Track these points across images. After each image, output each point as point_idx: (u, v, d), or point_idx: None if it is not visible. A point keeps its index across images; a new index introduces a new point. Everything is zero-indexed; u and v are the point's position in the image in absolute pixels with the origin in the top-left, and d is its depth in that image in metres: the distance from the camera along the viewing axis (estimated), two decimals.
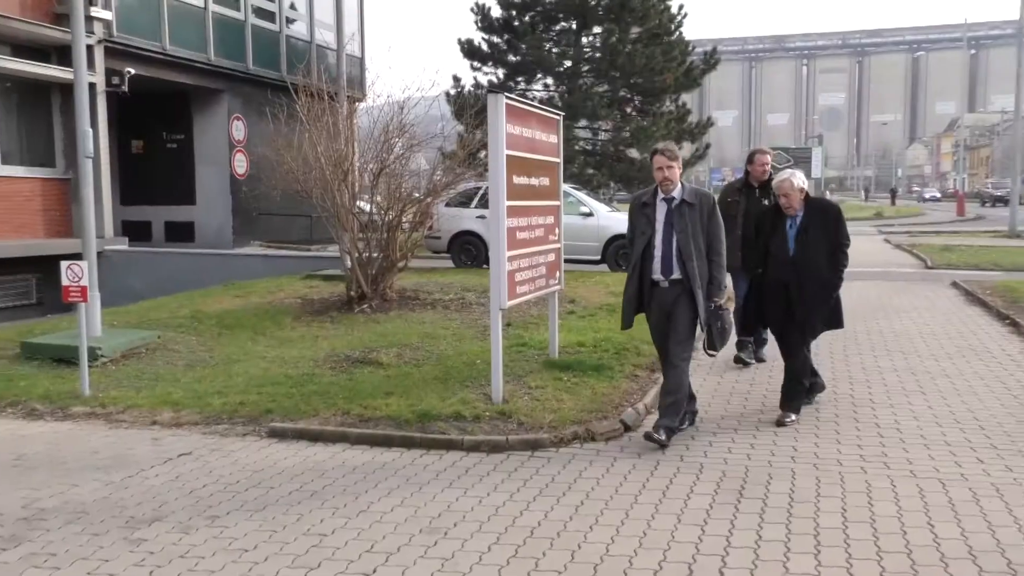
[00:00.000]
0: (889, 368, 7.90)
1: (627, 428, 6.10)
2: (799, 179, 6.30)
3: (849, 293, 7.39)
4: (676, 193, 5.90)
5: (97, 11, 14.39)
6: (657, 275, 5.88)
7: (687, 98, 26.70)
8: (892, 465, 5.25)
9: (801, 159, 33.55)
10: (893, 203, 65.79)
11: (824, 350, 8.32)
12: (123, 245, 16.17)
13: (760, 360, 8.07)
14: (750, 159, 8.06)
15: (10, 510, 4.61)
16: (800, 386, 6.43)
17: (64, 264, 7.05)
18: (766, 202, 7.37)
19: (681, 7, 24.89)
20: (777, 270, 6.30)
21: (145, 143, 19.57)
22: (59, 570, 3.86)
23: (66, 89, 14.87)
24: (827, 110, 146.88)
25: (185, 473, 5.25)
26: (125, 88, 15.82)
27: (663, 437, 5.63)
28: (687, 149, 26.38)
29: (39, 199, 14.82)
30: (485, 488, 4.97)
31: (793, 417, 6.25)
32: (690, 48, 25.06)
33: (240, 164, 19.20)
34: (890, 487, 4.87)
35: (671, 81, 23.42)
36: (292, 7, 21.14)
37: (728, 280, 6.37)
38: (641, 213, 6.01)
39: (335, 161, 10.80)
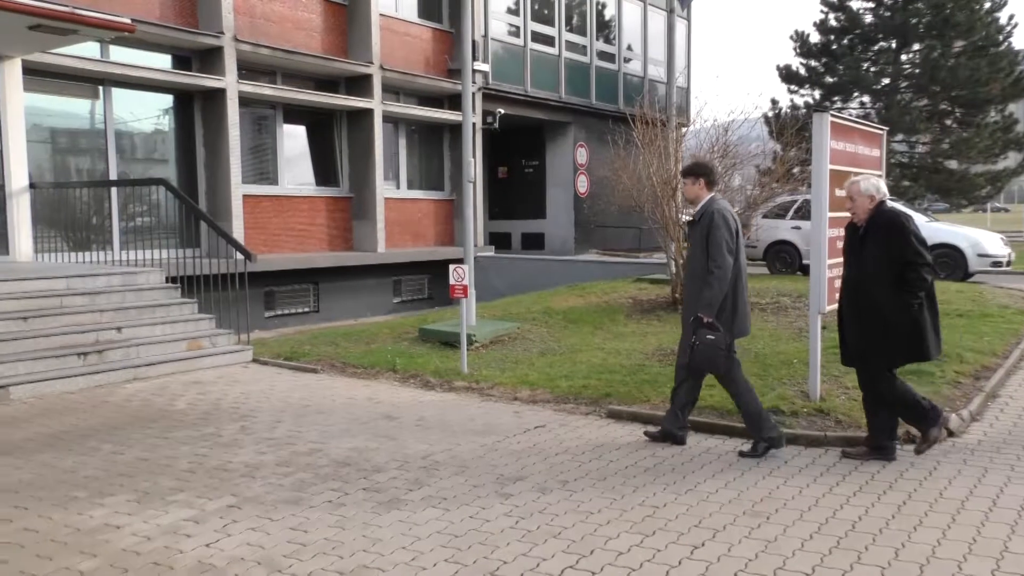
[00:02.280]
0: None
1: (951, 434, 5.42)
2: (869, 185, 4.85)
3: None
4: (694, 212, 5.25)
5: (479, 65, 15.62)
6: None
7: (1014, 108, 23.24)
8: None
9: None
10: None
11: None
12: (490, 252, 17.40)
13: None
14: None
15: (414, 460, 5.12)
16: (902, 413, 4.91)
17: (452, 267, 7.71)
18: None
19: (1012, 17, 21.74)
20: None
21: (508, 169, 20.91)
22: (448, 512, 4.20)
23: (453, 128, 16.35)
24: None
25: (541, 442, 5.50)
26: (496, 125, 17.02)
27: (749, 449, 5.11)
28: (1012, 159, 22.98)
29: (431, 216, 16.40)
30: (804, 479, 4.67)
31: (932, 434, 4.85)
32: (1019, 57, 21.78)
33: (582, 184, 19.86)
34: None
35: (997, 91, 20.53)
36: (629, 48, 21.44)
37: None
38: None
39: (664, 180, 10.77)
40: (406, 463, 5.04)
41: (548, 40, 18.83)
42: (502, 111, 17.05)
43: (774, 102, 24.11)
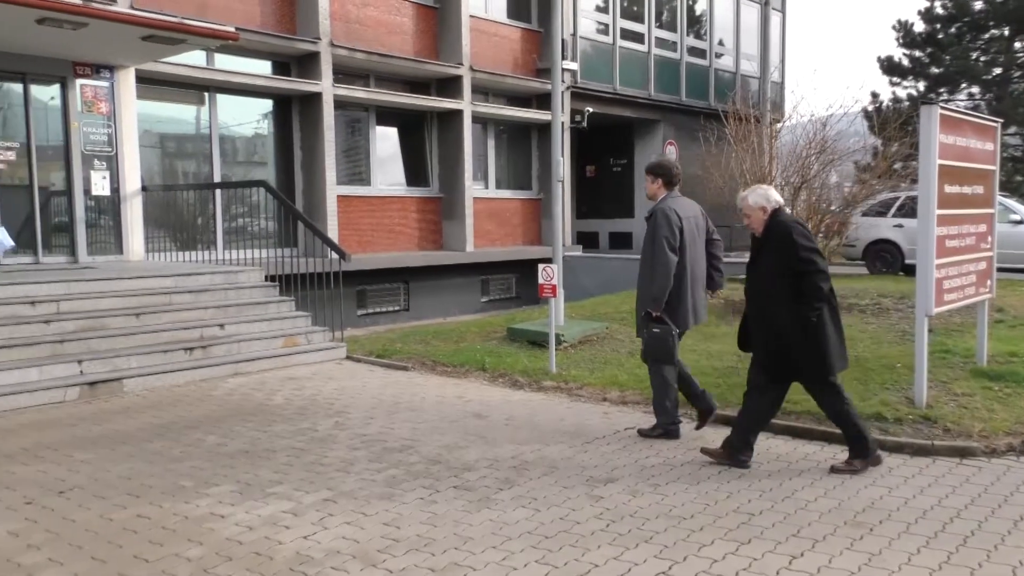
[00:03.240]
0: None
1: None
2: (757, 196, 4.73)
3: None
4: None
5: (568, 64, 15.58)
6: None
7: None
8: None
9: None
10: None
11: None
12: (578, 251, 17.31)
13: None
14: None
15: (504, 459, 5.13)
16: (849, 431, 4.75)
17: (540, 266, 7.71)
18: None
19: None
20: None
21: (596, 168, 20.77)
22: (538, 512, 4.19)
23: (541, 127, 16.36)
24: None
25: (631, 445, 5.43)
26: (584, 124, 16.93)
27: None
28: None
29: (519, 215, 16.45)
30: (911, 490, 4.45)
31: (855, 464, 4.72)
32: None
33: None
34: None
35: None
36: (720, 43, 20.98)
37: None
38: None
39: (758, 176, 10.49)
40: (496, 462, 5.06)
41: (637, 37, 18.60)
42: (590, 109, 16.95)
43: (875, 95, 23.13)
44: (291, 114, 12.98)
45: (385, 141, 14.48)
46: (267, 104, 12.93)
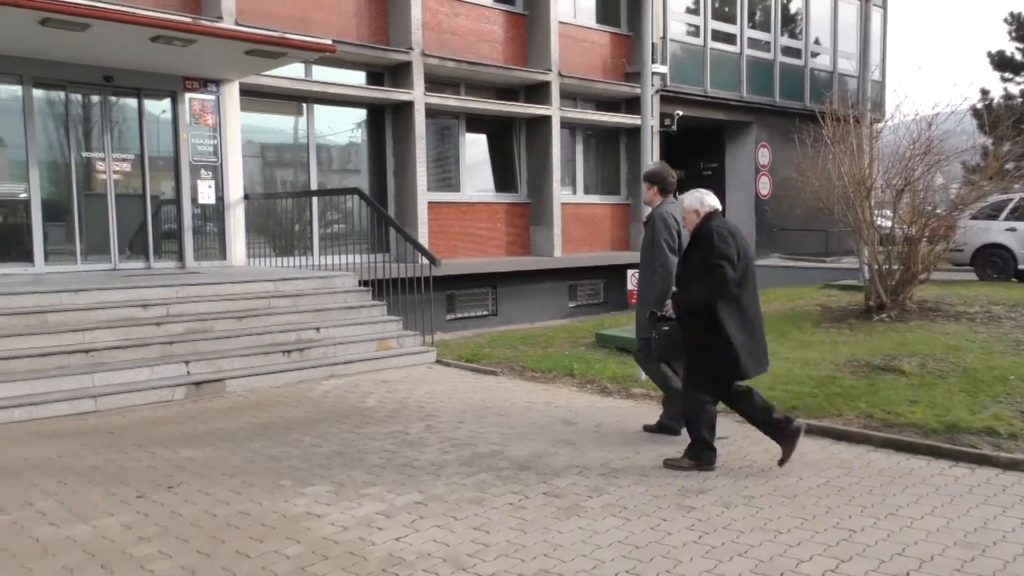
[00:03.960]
0: None
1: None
2: (692, 199, 5.03)
3: None
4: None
5: (657, 67, 15.41)
6: None
7: None
8: None
9: None
10: None
11: None
12: None
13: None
14: None
15: (593, 466, 5.09)
16: (692, 434, 5.02)
17: (630, 272, 7.63)
18: None
19: None
20: None
21: (685, 171, 20.41)
22: (629, 521, 4.14)
23: (630, 132, 16.23)
24: None
25: (723, 454, 5.29)
26: (674, 128, 16.70)
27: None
28: None
29: (607, 220, 16.34)
30: None
31: (684, 465, 4.96)
32: None
33: (764, 186, 19.05)
34: None
35: None
36: (816, 42, 20.34)
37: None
38: None
39: (858, 179, 10.08)
40: (585, 469, 5.02)
41: (729, 38, 18.23)
42: (680, 113, 16.69)
43: (984, 92, 22.05)
44: (384, 123, 13.28)
45: (474, 148, 14.64)
46: (361, 113, 13.27)
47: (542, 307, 14.97)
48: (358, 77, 12.96)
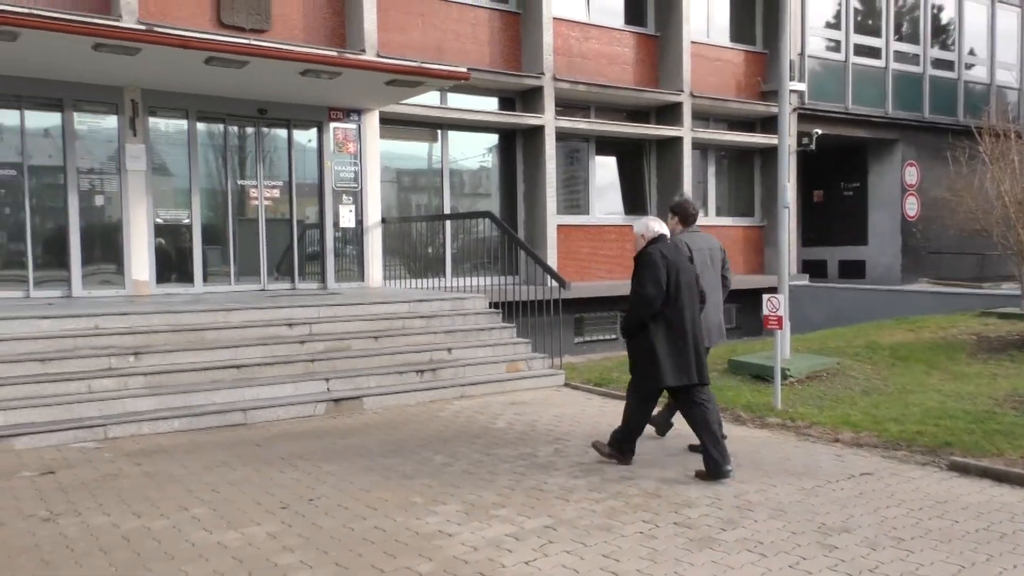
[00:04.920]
0: None
1: None
2: (640, 225, 5.71)
3: None
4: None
5: (795, 85, 14.93)
6: None
7: None
8: None
9: None
10: None
11: None
12: (804, 281, 16.40)
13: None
14: None
15: (726, 497, 4.93)
16: (621, 431, 5.67)
17: (765, 296, 7.37)
18: None
19: None
20: None
21: (824, 192, 19.61)
22: (765, 558, 3.97)
23: (765, 152, 15.78)
24: None
25: (868, 491, 5.01)
26: (812, 146, 16.09)
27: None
28: None
29: (740, 243, 15.89)
30: None
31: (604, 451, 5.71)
32: None
33: (911, 206, 18.00)
34: None
35: None
36: (971, 53, 19.10)
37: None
38: None
39: (1019, 199, 9.37)
40: (718, 500, 4.87)
41: (873, 52, 17.42)
42: (819, 131, 16.07)
43: None
44: (515, 146, 13.52)
45: (604, 170, 14.64)
46: (493, 138, 13.56)
47: None
48: (490, 103, 13.27)
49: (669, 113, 14.68)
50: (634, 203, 14.94)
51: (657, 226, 5.62)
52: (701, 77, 14.91)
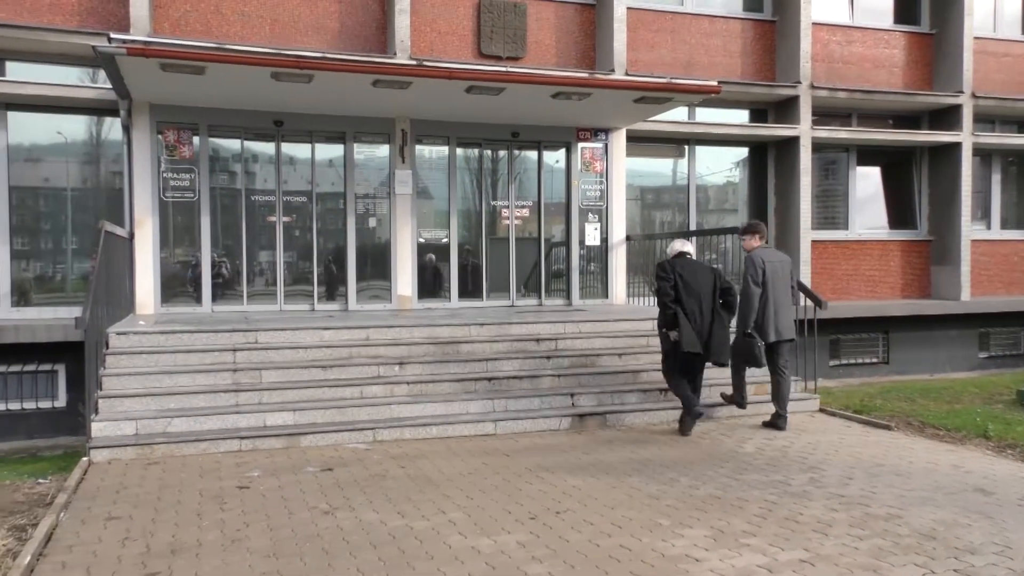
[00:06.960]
0: None
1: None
2: (670, 247, 7.65)
3: None
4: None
5: None
6: None
7: None
8: None
9: None
10: None
11: None
12: None
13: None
14: None
15: (1019, 547, 4.33)
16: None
17: None
18: None
19: None
20: None
21: None
22: None
23: None
24: None
25: None
26: None
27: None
28: None
29: None
30: None
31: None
32: None
33: None
34: None
35: None
36: None
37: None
38: None
39: None
40: (1008, 549, 4.30)
41: None
42: None
43: None
44: (766, 159, 12.97)
45: (865, 181, 13.58)
46: (741, 152, 13.12)
47: (944, 357, 13.26)
48: (740, 115, 12.86)
49: (945, 117, 13.31)
50: (901, 216, 13.69)
51: (679, 245, 7.50)
52: (985, 75, 13.37)
